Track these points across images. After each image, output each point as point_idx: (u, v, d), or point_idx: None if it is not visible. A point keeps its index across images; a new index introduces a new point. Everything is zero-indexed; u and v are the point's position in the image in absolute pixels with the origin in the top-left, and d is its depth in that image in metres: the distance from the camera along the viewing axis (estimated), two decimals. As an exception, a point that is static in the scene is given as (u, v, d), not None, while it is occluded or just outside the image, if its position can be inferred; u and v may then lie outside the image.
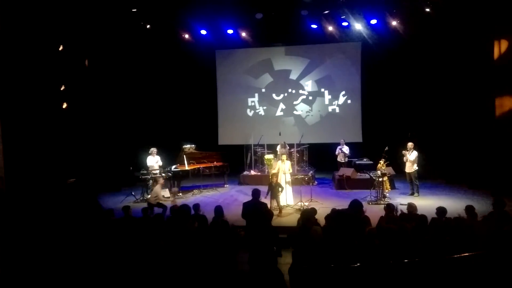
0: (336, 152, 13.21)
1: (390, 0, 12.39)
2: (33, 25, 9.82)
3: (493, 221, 5.73)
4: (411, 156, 10.64)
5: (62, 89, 11.39)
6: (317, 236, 5.15)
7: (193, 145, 12.81)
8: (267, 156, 12.23)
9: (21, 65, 9.54)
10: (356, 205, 5.77)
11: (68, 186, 10.20)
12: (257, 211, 6.38)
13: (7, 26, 9.03)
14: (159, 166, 11.54)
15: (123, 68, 13.54)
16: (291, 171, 10.16)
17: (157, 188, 9.34)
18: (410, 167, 10.66)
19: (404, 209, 6.74)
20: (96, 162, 12.33)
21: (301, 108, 15.17)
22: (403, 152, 10.80)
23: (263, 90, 15.34)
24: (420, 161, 10.87)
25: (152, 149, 11.60)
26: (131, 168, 11.61)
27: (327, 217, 6.00)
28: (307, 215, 5.78)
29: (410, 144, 10.74)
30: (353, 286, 4.23)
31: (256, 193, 6.85)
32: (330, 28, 13.51)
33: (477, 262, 4.30)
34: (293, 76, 15.14)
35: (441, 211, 6.04)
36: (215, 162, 12.91)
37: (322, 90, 15.00)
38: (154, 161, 11.50)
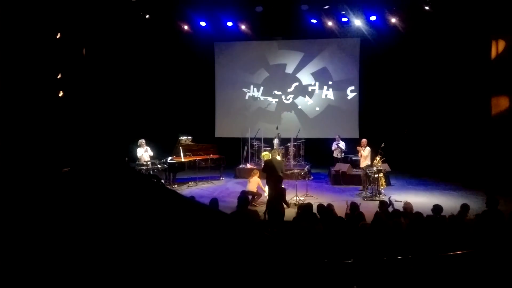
0: (333, 148, 13.24)
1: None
2: (30, 13, 9.71)
3: (487, 219, 5.78)
4: (365, 152, 10.79)
5: (58, 77, 11.31)
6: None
7: (190, 137, 12.77)
8: (265, 153, 12.27)
9: (18, 53, 9.44)
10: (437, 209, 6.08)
11: (63, 175, 10.15)
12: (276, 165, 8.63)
13: (4, 14, 8.92)
14: (150, 157, 11.49)
15: (121, 58, 13.44)
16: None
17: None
18: (363, 162, 10.80)
19: (398, 206, 6.79)
20: (92, 152, 12.26)
21: (298, 103, 15.17)
22: (358, 148, 10.97)
23: (260, 83, 15.31)
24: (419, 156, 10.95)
25: (140, 140, 11.51)
26: (126, 159, 11.57)
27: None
28: (304, 210, 5.82)
29: (364, 141, 10.93)
30: (346, 281, 4.26)
31: (273, 153, 9.51)
32: (330, 24, 13.49)
33: (471, 260, 4.35)
34: (289, 70, 15.13)
35: (436, 209, 6.09)
36: (211, 155, 12.90)
37: (319, 84, 14.99)
38: (142, 151, 11.45)
